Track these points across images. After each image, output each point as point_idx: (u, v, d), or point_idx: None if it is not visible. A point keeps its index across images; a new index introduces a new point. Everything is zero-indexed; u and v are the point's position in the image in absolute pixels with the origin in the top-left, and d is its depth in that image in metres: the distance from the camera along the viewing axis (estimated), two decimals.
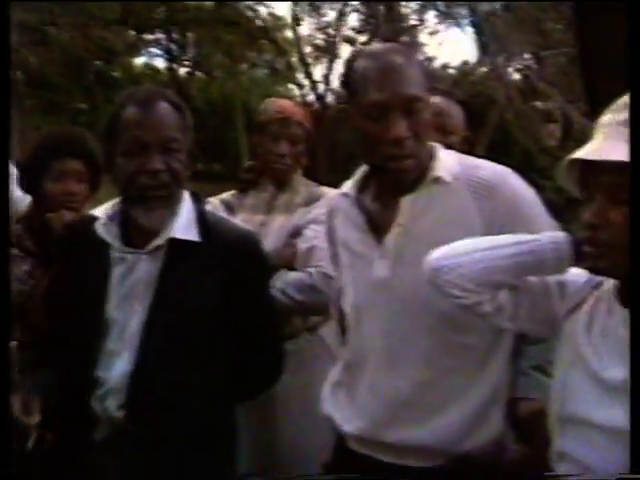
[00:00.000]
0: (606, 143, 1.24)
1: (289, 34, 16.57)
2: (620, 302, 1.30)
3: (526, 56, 12.65)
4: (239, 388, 1.75)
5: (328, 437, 1.76)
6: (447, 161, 1.58)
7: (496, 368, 1.57)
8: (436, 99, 2.31)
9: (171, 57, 17.18)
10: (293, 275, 2.21)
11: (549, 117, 11.26)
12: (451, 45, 31.04)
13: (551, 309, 1.40)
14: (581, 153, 1.25)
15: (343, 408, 1.68)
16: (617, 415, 1.22)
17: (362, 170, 1.68)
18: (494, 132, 12.48)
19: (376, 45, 1.66)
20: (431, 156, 1.58)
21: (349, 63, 1.60)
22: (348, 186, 1.69)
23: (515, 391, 1.66)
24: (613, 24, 4.38)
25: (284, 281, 2.19)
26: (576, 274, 1.39)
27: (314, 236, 2.19)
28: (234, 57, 16.10)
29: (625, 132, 1.23)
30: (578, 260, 1.34)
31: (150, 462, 1.62)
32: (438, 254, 1.40)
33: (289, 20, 15.99)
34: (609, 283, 1.34)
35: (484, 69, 13.09)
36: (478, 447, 1.55)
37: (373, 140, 1.52)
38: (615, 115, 1.27)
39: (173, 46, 17.00)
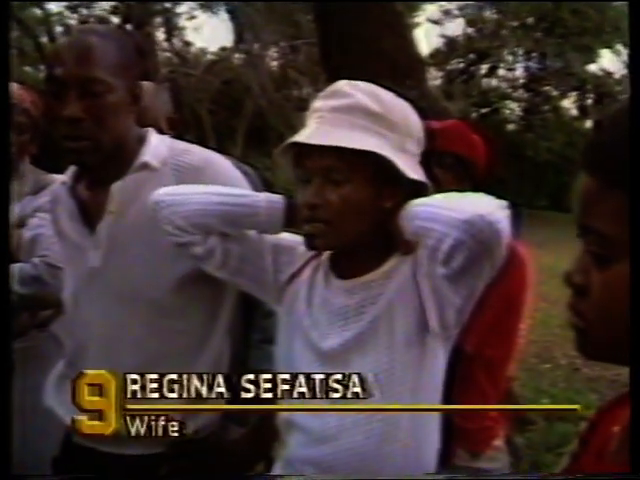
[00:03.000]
0: (321, 128, 1.28)
1: (37, 11, 15.60)
2: (335, 274, 1.37)
3: (282, 45, 12.97)
4: None
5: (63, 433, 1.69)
6: (157, 147, 1.57)
7: (213, 349, 1.59)
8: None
9: None
10: (16, 267, 2.06)
11: (303, 105, 11.67)
12: (209, 30, 31.02)
13: (262, 268, 1.43)
14: (298, 137, 1.29)
15: (67, 401, 1.62)
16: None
17: None
18: (253, 118, 12.68)
19: (83, 25, 1.61)
20: (141, 141, 1.56)
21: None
22: (67, 174, 1.63)
23: (248, 364, 1.67)
24: (350, 17, 4.63)
25: None
26: (296, 241, 1.42)
27: (40, 224, 2.07)
28: None
29: (336, 117, 1.28)
30: (295, 225, 1.39)
31: None
32: (163, 190, 1.41)
33: None
34: (326, 254, 1.40)
35: (240, 56, 13.22)
36: (199, 429, 1.56)
37: (50, 117, 1.48)
38: (326, 101, 1.31)
39: None
